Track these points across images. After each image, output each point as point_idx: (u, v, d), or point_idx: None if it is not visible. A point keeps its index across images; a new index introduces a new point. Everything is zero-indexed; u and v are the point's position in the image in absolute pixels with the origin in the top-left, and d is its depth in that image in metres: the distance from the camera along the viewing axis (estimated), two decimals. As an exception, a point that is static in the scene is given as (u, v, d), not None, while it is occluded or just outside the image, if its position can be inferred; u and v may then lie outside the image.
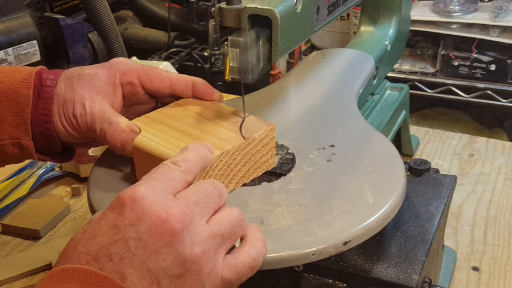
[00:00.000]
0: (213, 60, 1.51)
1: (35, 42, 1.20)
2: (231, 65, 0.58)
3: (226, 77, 1.52)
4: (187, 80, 0.65)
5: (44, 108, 0.61)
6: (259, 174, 0.60)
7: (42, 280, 0.42)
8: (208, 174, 0.54)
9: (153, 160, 0.54)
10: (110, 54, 1.35)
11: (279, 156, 0.62)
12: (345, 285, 0.56)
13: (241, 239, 0.49)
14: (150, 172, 0.48)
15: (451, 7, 1.45)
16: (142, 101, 0.66)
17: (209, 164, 0.53)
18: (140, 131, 0.59)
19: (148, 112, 0.63)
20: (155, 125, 0.60)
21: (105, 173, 0.63)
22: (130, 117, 0.62)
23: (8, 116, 0.60)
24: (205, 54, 1.58)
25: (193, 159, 0.50)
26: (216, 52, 1.49)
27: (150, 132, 0.59)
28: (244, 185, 0.58)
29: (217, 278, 0.46)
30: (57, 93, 0.61)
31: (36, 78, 0.61)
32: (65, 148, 0.65)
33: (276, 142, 0.62)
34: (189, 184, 0.49)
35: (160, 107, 0.65)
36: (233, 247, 0.48)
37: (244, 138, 0.57)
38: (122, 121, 0.59)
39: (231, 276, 0.46)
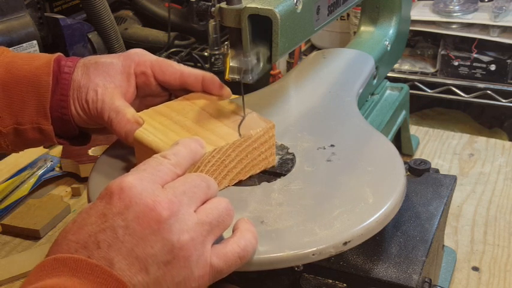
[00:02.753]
0: (213, 60, 1.51)
1: (35, 42, 1.20)
2: (231, 64, 0.58)
3: (226, 77, 1.51)
4: (198, 74, 0.66)
5: (61, 94, 0.63)
6: (258, 171, 0.60)
7: (33, 270, 0.42)
8: (200, 169, 0.54)
9: (150, 152, 0.55)
10: (110, 54, 1.35)
11: (279, 156, 0.62)
12: (345, 285, 0.56)
13: (233, 231, 0.49)
14: (139, 164, 0.49)
15: (451, 7, 1.45)
16: (155, 92, 0.67)
17: (200, 159, 0.53)
18: (144, 122, 0.60)
19: None
20: (159, 118, 0.61)
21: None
22: (143, 109, 0.63)
23: (28, 102, 0.62)
24: (205, 54, 1.58)
25: (183, 154, 0.51)
26: (216, 52, 1.49)
27: (151, 125, 0.60)
28: (244, 184, 0.59)
29: (205, 265, 0.46)
30: (74, 79, 0.63)
31: (55, 65, 0.63)
32: (81, 133, 0.67)
33: (276, 142, 0.62)
34: (178, 177, 0.49)
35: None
36: (222, 238, 0.48)
37: (240, 135, 0.57)
38: (129, 111, 0.61)
39: (219, 264, 0.47)
